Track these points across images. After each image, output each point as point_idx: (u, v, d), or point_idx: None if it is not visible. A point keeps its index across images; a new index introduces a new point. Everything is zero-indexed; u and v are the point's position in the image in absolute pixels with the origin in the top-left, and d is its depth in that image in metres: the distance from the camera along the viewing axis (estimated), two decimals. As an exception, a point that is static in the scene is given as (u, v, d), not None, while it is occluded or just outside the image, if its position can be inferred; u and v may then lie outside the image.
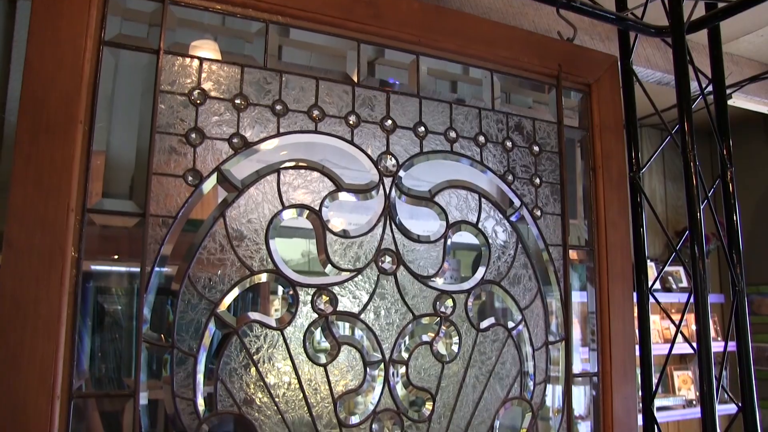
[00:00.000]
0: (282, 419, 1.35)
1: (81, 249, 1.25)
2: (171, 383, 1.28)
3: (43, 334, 1.21)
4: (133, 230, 1.33)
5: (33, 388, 1.19)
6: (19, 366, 1.18)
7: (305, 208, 1.41)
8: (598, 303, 1.70)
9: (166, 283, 1.31)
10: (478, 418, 1.52)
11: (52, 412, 1.20)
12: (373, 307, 1.44)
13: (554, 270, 1.64)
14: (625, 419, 1.68)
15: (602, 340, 1.68)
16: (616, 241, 1.72)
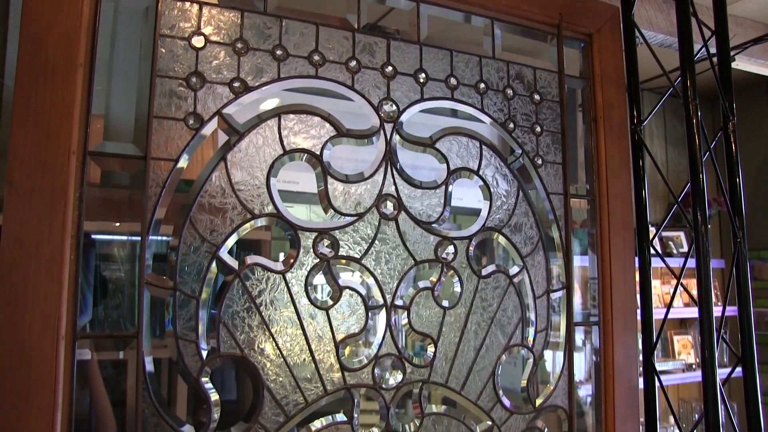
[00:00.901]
0: (284, 362, 1.36)
1: (83, 191, 1.25)
2: (174, 325, 1.29)
3: (47, 275, 1.21)
4: (135, 174, 1.33)
5: (37, 328, 1.20)
6: (24, 306, 1.19)
7: (306, 152, 1.41)
8: (599, 251, 1.70)
9: (168, 226, 1.31)
10: (480, 364, 1.53)
11: (57, 352, 1.21)
12: (375, 252, 1.44)
13: (555, 218, 1.64)
14: (626, 367, 1.69)
15: (603, 288, 1.69)
16: (617, 190, 1.72)
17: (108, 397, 1.39)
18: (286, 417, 1.35)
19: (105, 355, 1.36)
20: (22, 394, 1.18)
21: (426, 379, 1.46)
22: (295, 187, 1.48)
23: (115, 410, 1.41)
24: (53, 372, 1.20)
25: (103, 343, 1.32)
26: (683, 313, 3.69)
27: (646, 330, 1.88)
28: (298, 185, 1.49)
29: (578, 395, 1.66)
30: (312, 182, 1.46)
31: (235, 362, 1.34)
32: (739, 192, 2.10)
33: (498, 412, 1.54)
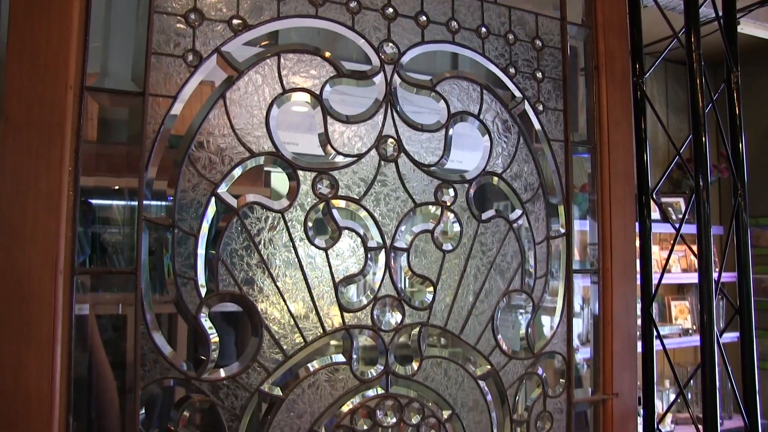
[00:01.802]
0: (283, 301, 1.35)
1: (80, 126, 1.24)
2: (172, 263, 1.28)
3: (44, 209, 1.20)
4: (133, 111, 1.32)
5: (36, 262, 1.20)
6: (23, 240, 1.19)
7: (306, 92, 1.39)
8: (599, 201, 1.70)
9: (166, 163, 1.30)
10: (479, 308, 1.53)
11: (55, 286, 1.20)
12: (374, 194, 1.44)
13: (556, 165, 1.63)
14: (624, 316, 1.70)
15: (603, 237, 1.69)
16: (618, 140, 1.71)
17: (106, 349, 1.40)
18: (285, 356, 1.35)
19: (102, 298, 1.37)
20: (22, 328, 1.18)
21: (425, 321, 1.46)
22: (295, 148, 1.47)
23: (114, 353, 1.42)
24: (52, 305, 1.20)
25: (100, 281, 1.32)
26: (681, 278, 3.71)
27: (646, 283, 1.89)
28: (297, 147, 1.48)
29: (577, 342, 1.66)
30: (312, 143, 1.44)
31: (233, 300, 1.33)
32: (741, 152, 2.09)
33: (497, 356, 1.54)
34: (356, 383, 1.40)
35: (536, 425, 1.59)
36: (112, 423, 1.37)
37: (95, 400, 1.36)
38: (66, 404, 1.21)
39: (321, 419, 1.38)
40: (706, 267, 1.90)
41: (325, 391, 1.40)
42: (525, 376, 1.57)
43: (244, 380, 1.32)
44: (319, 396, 1.40)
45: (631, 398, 1.71)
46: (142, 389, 1.25)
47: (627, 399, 1.70)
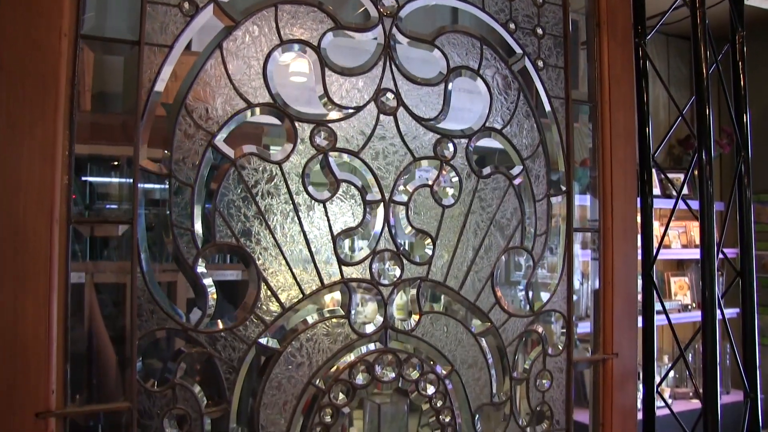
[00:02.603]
0: (281, 252, 1.34)
1: (75, 75, 1.23)
2: (169, 213, 1.27)
3: (40, 157, 1.19)
4: (128, 60, 1.31)
5: (32, 211, 1.18)
6: (18, 188, 1.17)
7: (303, 43, 1.38)
8: (600, 158, 1.68)
9: (162, 113, 1.29)
10: (479, 265, 1.52)
11: (51, 235, 1.19)
12: (372, 148, 1.42)
13: (556, 122, 1.61)
14: (624, 276, 1.69)
15: (603, 196, 1.67)
16: (619, 97, 1.70)
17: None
18: (283, 309, 1.34)
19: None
20: (18, 277, 1.17)
21: (424, 276, 1.45)
22: (294, 104, 1.44)
23: (111, 304, 1.41)
24: (48, 254, 1.19)
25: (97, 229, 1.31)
26: (681, 254, 3.70)
27: (647, 243, 1.88)
28: (297, 103, 1.45)
29: (577, 302, 1.66)
30: (310, 101, 1.42)
31: (230, 251, 1.32)
32: (745, 120, 2.07)
33: (497, 313, 1.53)
34: (355, 337, 1.39)
35: (536, 384, 1.58)
36: (110, 373, 1.37)
37: (93, 350, 1.36)
38: (63, 353, 1.21)
39: (319, 373, 1.38)
40: (708, 240, 1.89)
41: (324, 345, 1.39)
42: (525, 334, 1.56)
43: (242, 332, 1.31)
44: (318, 350, 1.39)
45: (631, 359, 1.71)
46: (139, 340, 1.24)
47: (627, 360, 1.69)
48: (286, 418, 1.36)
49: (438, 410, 1.47)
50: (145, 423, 1.25)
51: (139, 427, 1.25)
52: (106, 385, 1.39)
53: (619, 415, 1.68)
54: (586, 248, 2.12)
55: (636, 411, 1.73)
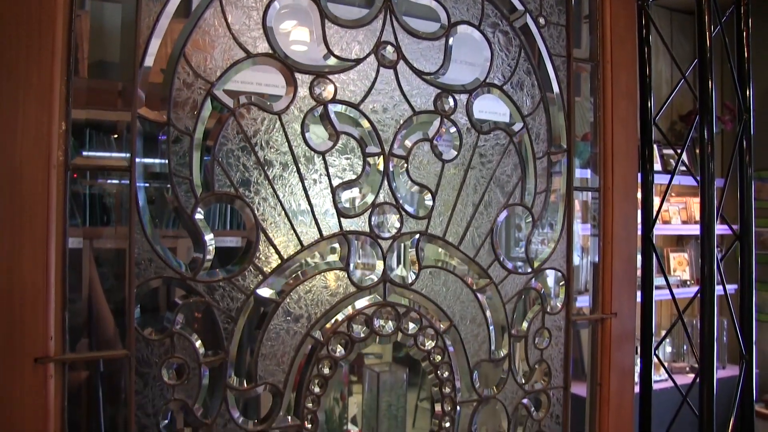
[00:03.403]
0: (279, 203, 1.34)
1: (72, 19, 1.21)
2: (168, 162, 1.26)
3: (36, 103, 1.18)
4: (126, 7, 1.29)
5: (29, 156, 1.18)
6: (14, 134, 1.17)
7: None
8: (602, 117, 1.67)
9: (161, 61, 1.28)
10: (479, 221, 1.51)
11: (48, 181, 1.18)
12: (372, 101, 1.41)
13: (558, 80, 1.60)
14: (624, 236, 1.69)
15: (604, 155, 1.67)
16: (622, 57, 1.69)
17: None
18: (281, 259, 1.34)
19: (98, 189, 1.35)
20: (15, 223, 1.16)
21: (424, 231, 1.45)
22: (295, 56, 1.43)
23: (108, 252, 1.41)
24: (46, 201, 1.18)
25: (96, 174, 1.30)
26: (681, 230, 3.70)
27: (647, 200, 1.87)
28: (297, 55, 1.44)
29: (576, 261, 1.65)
30: (310, 61, 1.41)
31: (229, 201, 1.32)
32: (748, 93, 2.06)
33: (496, 270, 1.53)
34: (353, 290, 1.39)
35: (534, 341, 1.58)
36: (108, 322, 1.36)
37: (91, 299, 1.35)
38: (61, 299, 1.20)
39: (317, 325, 1.38)
40: (709, 213, 1.89)
41: (322, 297, 1.39)
42: (524, 292, 1.56)
43: (240, 283, 1.31)
44: (316, 302, 1.39)
45: (630, 319, 1.71)
46: (137, 288, 1.24)
47: (625, 319, 1.69)
48: (284, 369, 1.36)
49: (436, 365, 1.47)
50: (143, 371, 1.25)
51: (137, 375, 1.25)
52: (104, 334, 1.39)
53: (617, 375, 1.68)
54: (586, 222, 2.12)
55: (633, 371, 1.73)
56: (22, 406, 1.17)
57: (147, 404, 1.26)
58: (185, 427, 1.30)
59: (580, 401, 1.72)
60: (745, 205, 2.14)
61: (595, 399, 1.69)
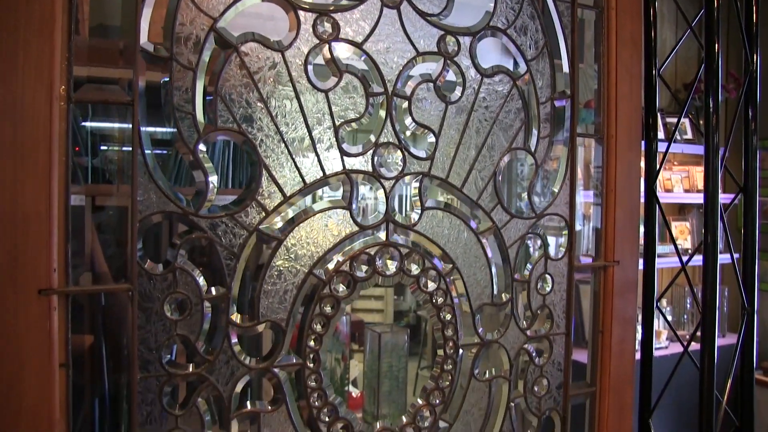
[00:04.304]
0: (282, 140, 1.33)
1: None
2: (170, 96, 1.26)
3: (37, 34, 1.17)
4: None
5: (31, 89, 1.17)
6: (15, 66, 1.16)
7: (306, -72, 1.35)
8: (605, 65, 1.66)
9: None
10: (482, 163, 1.51)
11: (51, 111, 1.18)
12: (375, 41, 1.40)
13: (561, 25, 1.59)
14: (627, 184, 1.68)
15: (608, 101, 1.66)
16: (626, 4, 1.67)
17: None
18: (284, 196, 1.34)
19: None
20: (18, 154, 1.16)
21: (426, 172, 1.44)
22: None
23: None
24: (48, 131, 1.18)
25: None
26: (683, 198, 3.69)
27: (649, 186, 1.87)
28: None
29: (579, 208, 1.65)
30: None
31: (231, 136, 1.31)
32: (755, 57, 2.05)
33: (498, 214, 1.52)
34: (356, 229, 1.39)
35: (537, 287, 1.58)
36: (111, 253, 1.37)
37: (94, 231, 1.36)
38: (64, 231, 1.20)
39: (319, 263, 1.38)
40: (713, 192, 1.89)
41: (325, 235, 1.39)
42: (526, 237, 1.56)
43: (243, 219, 1.31)
44: (319, 240, 1.39)
45: (632, 269, 1.71)
46: (140, 222, 1.24)
47: (628, 268, 1.69)
48: (286, 307, 1.36)
49: (439, 307, 1.47)
50: (145, 306, 1.26)
51: (140, 310, 1.25)
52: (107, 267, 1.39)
53: (619, 323, 1.68)
54: (588, 189, 2.11)
55: (635, 321, 1.73)
56: (28, 337, 1.18)
57: (149, 339, 1.26)
58: (188, 363, 1.31)
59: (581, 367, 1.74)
60: (749, 173, 2.13)
61: (596, 346, 1.70)
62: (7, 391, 1.18)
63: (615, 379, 1.68)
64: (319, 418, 1.39)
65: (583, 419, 1.72)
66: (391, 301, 4.19)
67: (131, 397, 1.25)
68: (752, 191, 1.99)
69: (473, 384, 1.53)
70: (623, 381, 1.70)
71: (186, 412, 1.30)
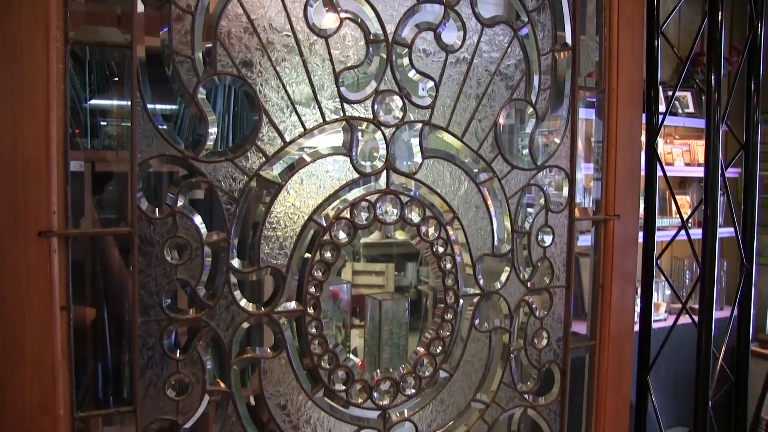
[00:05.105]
0: (282, 85, 1.33)
1: None
2: (169, 40, 1.25)
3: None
4: None
5: (27, 30, 1.16)
6: (11, 6, 1.15)
7: None
8: (608, 17, 1.65)
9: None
10: (482, 113, 1.50)
11: (48, 54, 1.17)
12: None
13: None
14: (629, 139, 1.67)
15: (609, 54, 1.64)
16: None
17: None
18: (284, 142, 1.33)
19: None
20: (16, 97, 1.16)
21: (427, 120, 1.44)
22: None
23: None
24: (46, 73, 1.17)
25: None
26: (684, 171, 3.69)
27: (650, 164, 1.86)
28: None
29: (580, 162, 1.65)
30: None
31: (231, 81, 1.31)
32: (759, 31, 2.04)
33: (499, 164, 1.52)
34: (356, 176, 1.39)
35: (538, 239, 1.58)
36: (110, 196, 1.37)
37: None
38: (63, 174, 1.20)
39: (320, 210, 1.37)
40: (714, 166, 1.89)
41: (325, 182, 1.39)
42: (527, 188, 1.56)
43: (243, 164, 1.31)
44: (319, 186, 1.38)
45: (633, 224, 1.70)
46: (139, 165, 1.23)
47: (628, 223, 1.69)
48: (286, 253, 1.36)
49: (439, 256, 1.47)
50: (146, 249, 1.26)
51: (140, 254, 1.25)
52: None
53: (619, 278, 1.68)
54: (589, 162, 2.11)
55: (635, 276, 1.74)
56: (29, 279, 1.18)
57: (150, 283, 1.26)
58: (188, 308, 1.31)
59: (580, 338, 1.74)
60: (750, 148, 2.13)
61: (596, 301, 1.70)
62: (10, 334, 1.18)
63: (615, 333, 1.68)
64: (320, 365, 1.40)
65: (582, 372, 1.72)
66: (392, 276, 4.18)
67: (132, 341, 1.25)
68: (753, 150, 1.98)
69: (474, 335, 1.53)
70: (623, 335, 1.70)
71: (187, 357, 1.30)
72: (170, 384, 1.29)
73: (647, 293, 1.97)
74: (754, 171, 2.03)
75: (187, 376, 1.30)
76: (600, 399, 1.69)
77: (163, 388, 1.28)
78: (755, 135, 2.01)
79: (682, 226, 2.14)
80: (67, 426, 1.23)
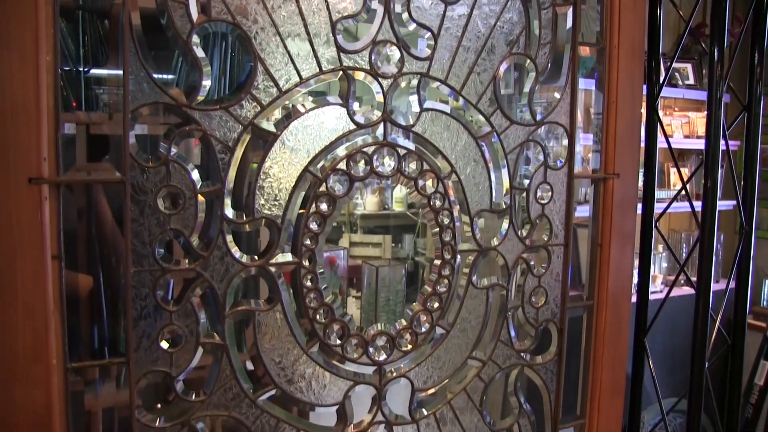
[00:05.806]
0: (277, 33, 1.30)
1: None
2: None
3: None
4: None
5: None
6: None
7: None
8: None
9: None
10: (481, 66, 1.48)
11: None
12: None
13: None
14: (630, 97, 1.65)
15: (611, 9, 1.62)
16: None
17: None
18: (279, 91, 1.31)
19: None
20: (3, 37, 1.13)
21: (425, 72, 1.41)
22: None
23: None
24: (34, 21, 1.14)
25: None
26: (682, 144, 3.67)
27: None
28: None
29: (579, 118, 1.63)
30: None
31: (226, 27, 1.28)
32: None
33: (498, 119, 1.50)
34: (353, 127, 1.36)
35: (536, 195, 1.56)
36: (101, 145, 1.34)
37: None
38: (54, 120, 1.18)
39: (316, 160, 1.35)
40: (715, 138, 1.87)
41: (322, 133, 1.37)
42: (526, 144, 1.54)
43: (238, 113, 1.28)
44: (315, 137, 1.36)
45: (632, 183, 1.69)
46: (132, 112, 1.21)
47: (628, 182, 1.67)
48: (281, 204, 1.34)
49: (437, 210, 1.45)
50: (139, 198, 1.23)
51: (133, 203, 1.23)
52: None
53: (618, 238, 1.67)
54: (588, 132, 2.09)
55: (634, 236, 1.72)
56: (20, 227, 1.16)
57: (143, 232, 1.25)
58: (182, 259, 1.29)
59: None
60: (752, 120, 2.11)
61: (595, 260, 1.68)
62: (2, 282, 1.16)
63: (612, 293, 1.67)
64: (315, 318, 1.38)
65: (579, 332, 1.72)
66: (389, 248, 4.18)
67: (126, 291, 1.24)
68: (755, 119, 1.97)
69: (470, 292, 1.52)
70: (621, 295, 1.69)
71: (180, 308, 1.28)
72: (164, 335, 1.28)
73: (646, 254, 1.96)
74: (756, 138, 2.01)
75: (180, 327, 1.28)
76: (597, 358, 1.68)
77: (157, 340, 1.27)
78: (757, 105, 1.99)
79: (683, 187, 2.12)
80: (59, 376, 1.21)
